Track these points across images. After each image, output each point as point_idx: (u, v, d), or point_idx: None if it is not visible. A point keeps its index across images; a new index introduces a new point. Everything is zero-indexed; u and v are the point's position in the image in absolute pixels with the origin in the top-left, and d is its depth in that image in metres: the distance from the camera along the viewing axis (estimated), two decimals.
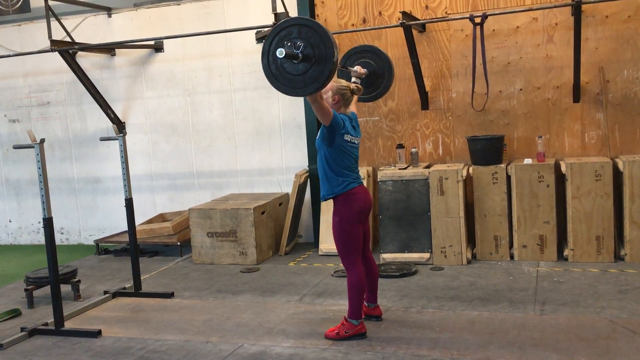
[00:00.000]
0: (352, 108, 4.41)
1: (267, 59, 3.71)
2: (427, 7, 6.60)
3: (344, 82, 4.31)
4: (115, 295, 5.55)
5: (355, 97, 4.38)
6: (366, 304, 4.52)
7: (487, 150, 6.04)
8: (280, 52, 3.58)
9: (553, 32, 6.27)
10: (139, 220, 7.04)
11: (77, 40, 7.46)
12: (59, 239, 8.20)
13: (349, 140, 4.18)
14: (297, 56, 3.60)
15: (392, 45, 6.77)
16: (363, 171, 6.75)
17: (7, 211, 8.73)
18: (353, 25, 6.87)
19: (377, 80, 4.97)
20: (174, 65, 7.69)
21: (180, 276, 6.23)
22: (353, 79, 4.77)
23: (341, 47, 6.93)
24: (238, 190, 7.62)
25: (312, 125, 7.03)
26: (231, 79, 7.50)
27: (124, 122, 7.96)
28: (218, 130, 7.63)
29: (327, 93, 4.20)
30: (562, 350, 3.82)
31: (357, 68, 4.84)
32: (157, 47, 7.66)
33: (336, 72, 4.05)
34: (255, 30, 7.06)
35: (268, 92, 7.32)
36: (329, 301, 5.06)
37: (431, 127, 6.76)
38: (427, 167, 6.38)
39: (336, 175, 4.17)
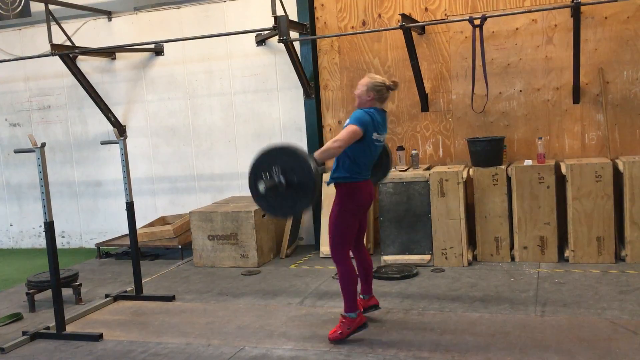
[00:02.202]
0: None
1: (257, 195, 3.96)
2: (426, 9, 6.61)
3: (379, 78, 4.22)
4: (117, 298, 5.56)
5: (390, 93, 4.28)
6: (361, 296, 4.56)
7: (488, 151, 6.04)
8: (262, 187, 3.81)
9: (552, 34, 6.28)
10: (139, 223, 7.02)
11: (77, 44, 7.48)
12: (60, 242, 8.21)
13: (375, 138, 4.17)
14: (279, 185, 3.81)
15: (392, 47, 6.78)
16: None
17: (8, 215, 8.74)
18: (353, 27, 6.88)
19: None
20: (174, 68, 7.70)
21: (181, 279, 6.23)
22: None
23: (341, 49, 6.96)
24: (239, 193, 7.62)
25: (313, 127, 7.04)
26: (231, 82, 7.50)
27: (125, 126, 7.97)
28: (218, 133, 7.63)
29: (362, 89, 4.18)
30: (563, 351, 3.82)
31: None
32: (158, 50, 7.67)
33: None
34: (255, 33, 7.07)
35: (268, 94, 7.34)
36: (330, 303, 5.06)
37: (431, 129, 6.77)
38: (428, 169, 6.38)
39: (349, 166, 4.17)
